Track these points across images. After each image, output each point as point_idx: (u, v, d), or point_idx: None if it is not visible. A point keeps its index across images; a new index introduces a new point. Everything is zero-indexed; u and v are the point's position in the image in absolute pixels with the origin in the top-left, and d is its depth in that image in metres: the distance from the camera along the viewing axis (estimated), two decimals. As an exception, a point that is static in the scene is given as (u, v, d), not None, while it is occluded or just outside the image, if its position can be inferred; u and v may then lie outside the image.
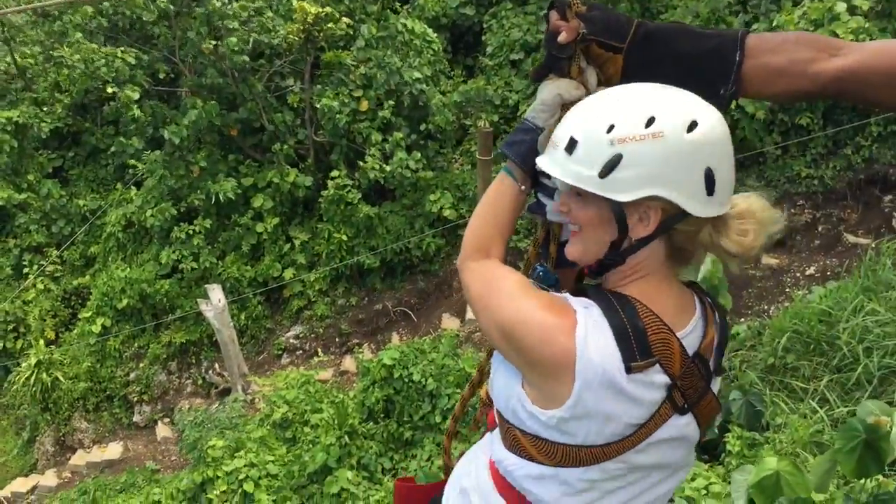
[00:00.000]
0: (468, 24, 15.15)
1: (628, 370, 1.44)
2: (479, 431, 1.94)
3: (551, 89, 1.68)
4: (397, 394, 9.45)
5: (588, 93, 1.66)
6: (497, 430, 1.71)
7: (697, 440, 1.62)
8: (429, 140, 13.57)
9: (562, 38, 1.60)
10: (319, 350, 13.00)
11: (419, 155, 12.71)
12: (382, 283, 13.50)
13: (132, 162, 14.69)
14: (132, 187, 15.12)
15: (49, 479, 12.70)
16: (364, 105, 12.94)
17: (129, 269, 14.15)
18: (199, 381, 13.57)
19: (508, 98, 13.36)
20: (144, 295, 13.71)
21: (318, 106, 12.99)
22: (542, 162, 1.58)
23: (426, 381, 9.35)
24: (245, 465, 9.13)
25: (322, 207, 13.22)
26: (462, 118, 13.90)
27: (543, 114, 1.69)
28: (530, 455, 1.59)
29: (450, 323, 12.37)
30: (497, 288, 1.59)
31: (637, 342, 1.45)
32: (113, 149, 15.53)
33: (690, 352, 1.52)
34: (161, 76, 14.76)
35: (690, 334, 1.54)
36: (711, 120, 1.44)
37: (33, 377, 13.44)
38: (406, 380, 9.41)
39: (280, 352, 13.42)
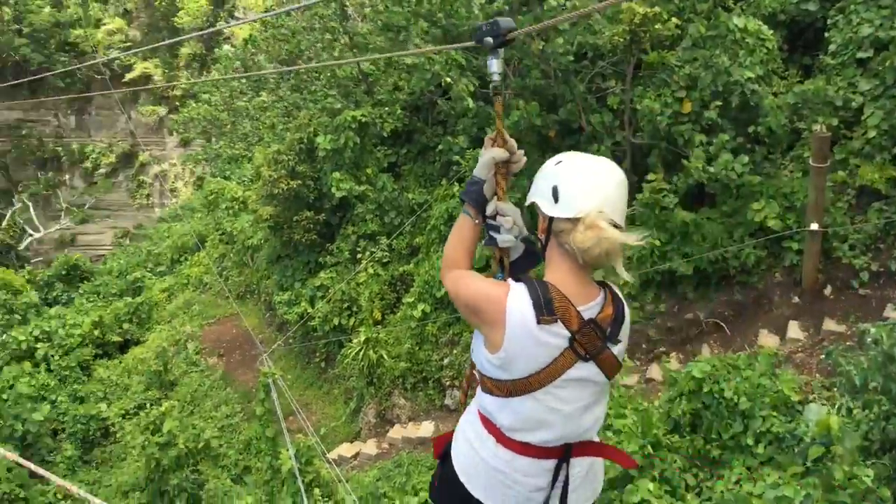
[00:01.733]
0: (809, 20, 13.99)
1: (538, 322, 2.35)
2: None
3: (487, 155, 2.71)
4: (706, 409, 9.05)
5: (513, 155, 2.73)
6: (479, 389, 2.62)
7: (607, 383, 2.53)
8: (756, 144, 12.76)
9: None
10: (625, 355, 12.84)
11: (746, 159, 11.99)
12: (695, 291, 12.96)
13: (457, 159, 15.61)
14: (455, 183, 16.06)
15: (370, 447, 13.96)
16: (687, 107, 12.50)
17: (448, 260, 15.04)
18: (505, 373, 14.07)
19: (852, 100, 12.12)
20: (460, 286, 14.50)
21: (638, 107, 12.80)
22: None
23: (738, 399, 8.85)
24: (548, 461, 9.27)
25: (636, 211, 13.01)
26: (795, 121, 12.86)
27: (485, 170, 2.72)
28: (492, 391, 2.52)
29: (768, 340, 11.55)
30: (464, 282, 2.56)
31: (545, 306, 2.36)
32: (440, 147, 16.63)
33: (587, 317, 2.42)
34: (488, 79, 15.48)
35: (590, 308, 2.44)
36: (574, 162, 2.46)
37: (362, 353, 14.85)
38: (717, 396, 8.98)
39: (585, 353, 13.45)
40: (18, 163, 45.89)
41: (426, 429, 13.89)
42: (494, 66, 2.78)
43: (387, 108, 17.60)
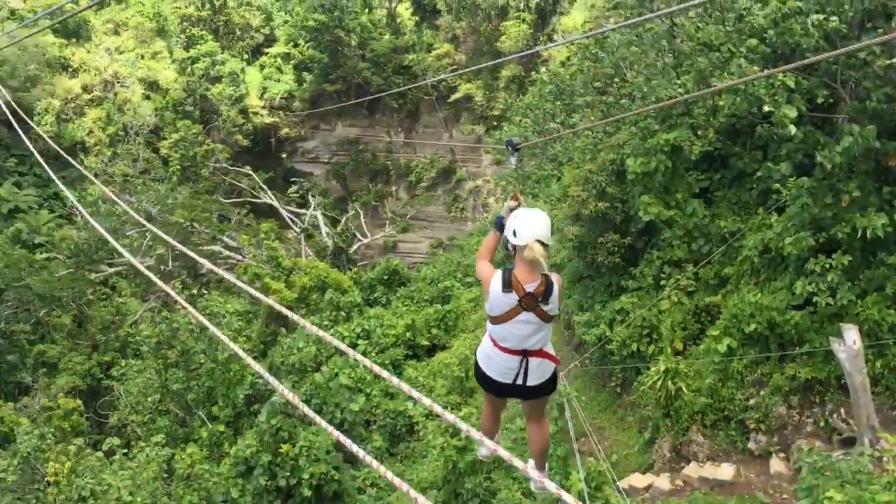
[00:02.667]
0: None
1: (502, 290, 4.99)
2: None
3: (507, 205, 5.46)
4: None
5: (520, 204, 5.42)
6: (488, 320, 5.25)
7: (544, 324, 5.03)
8: None
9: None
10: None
11: None
12: None
13: (777, 187, 14.56)
14: (773, 213, 15.00)
15: (662, 482, 13.47)
16: None
17: (760, 294, 14.09)
18: (822, 423, 12.80)
19: None
20: (773, 323, 13.49)
21: None
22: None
23: None
24: (866, 530, 8.32)
25: None
26: None
27: (506, 211, 5.36)
28: (489, 320, 5.17)
29: None
30: (481, 267, 5.29)
31: (507, 283, 4.98)
32: (759, 173, 15.62)
33: (528, 290, 4.94)
34: (819, 101, 14.23)
35: (531, 285, 4.95)
36: (523, 216, 5.06)
37: (660, 383, 14.40)
38: None
39: (920, 412, 11.87)
40: (354, 174, 51.17)
41: (726, 471, 13.08)
42: (513, 161, 6.34)
43: (700, 132, 16.92)
